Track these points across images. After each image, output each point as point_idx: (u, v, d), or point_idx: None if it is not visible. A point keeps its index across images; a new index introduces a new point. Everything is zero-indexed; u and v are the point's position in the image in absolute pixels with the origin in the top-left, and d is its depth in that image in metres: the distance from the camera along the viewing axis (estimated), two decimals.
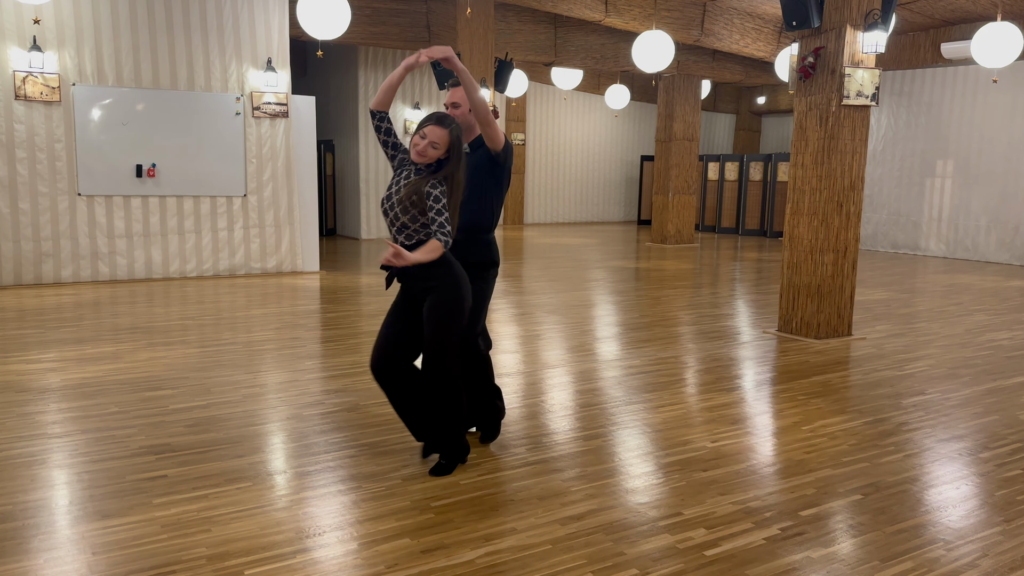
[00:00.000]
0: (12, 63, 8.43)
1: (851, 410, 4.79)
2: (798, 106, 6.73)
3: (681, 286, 9.91)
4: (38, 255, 8.78)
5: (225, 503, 3.30)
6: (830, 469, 3.81)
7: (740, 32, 12.99)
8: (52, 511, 3.20)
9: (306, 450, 3.93)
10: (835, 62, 6.41)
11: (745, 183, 17.94)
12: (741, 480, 3.64)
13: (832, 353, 6.31)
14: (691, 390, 5.18)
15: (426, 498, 3.39)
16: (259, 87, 9.78)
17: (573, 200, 20.33)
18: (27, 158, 8.61)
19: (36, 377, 5.17)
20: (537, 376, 5.45)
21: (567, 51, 13.32)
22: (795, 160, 6.79)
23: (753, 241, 16.51)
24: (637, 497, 3.43)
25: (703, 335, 6.92)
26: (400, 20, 11.83)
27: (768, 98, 20.15)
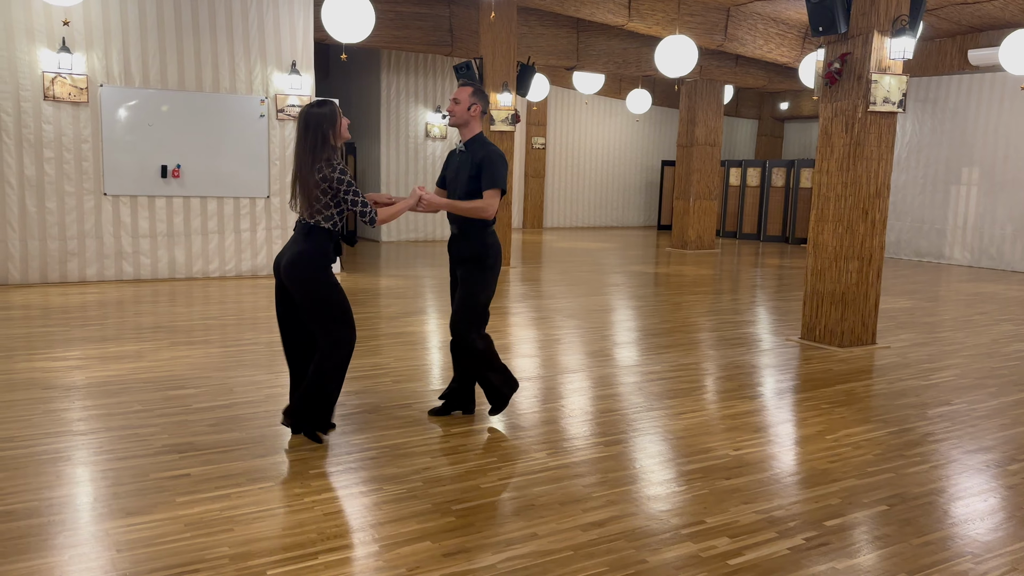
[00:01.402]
0: (42, 64, 8.54)
1: (876, 419, 4.74)
2: (823, 112, 6.68)
3: (702, 292, 9.86)
4: (64, 254, 8.88)
5: (248, 503, 3.31)
6: (855, 479, 3.77)
7: (764, 37, 12.92)
8: (77, 508, 3.22)
9: (327, 451, 3.94)
10: (862, 68, 6.35)
11: (767, 189, 17.83)
12: (765, 489, 3.61)
13: (856, 362, 6.24)
14: (713, 397, 5.15)
15: (447, 501, 3.38)
16: (283, 89, 9.84)
17: (593, 204, 20.29)
18: (54, 158, 8.72)
19: (61, 374, 5.22)
20: (557, 380, 5.44)
21: (589, 55, 13.31)
22: (820, 166, 6.74)
23: (775, 248, 16.40)
24: (659, 504, 3.41)
25: (724, 341, 6.87)
26: (423, 24, 11.87)
27: (791, 104, 20.03)
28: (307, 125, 3.84)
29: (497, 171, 4.17)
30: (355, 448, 4.00)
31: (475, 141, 4.28)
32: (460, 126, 4.31)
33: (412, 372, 5.53)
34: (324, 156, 3.83)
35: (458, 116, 4.27)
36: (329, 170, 3.80)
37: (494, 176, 4.16)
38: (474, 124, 4.29)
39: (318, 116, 3.85)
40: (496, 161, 4.19)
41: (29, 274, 8.74)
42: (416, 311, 7.95)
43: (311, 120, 3.84)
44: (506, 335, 6.80)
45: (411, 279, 10.26)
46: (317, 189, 3.80)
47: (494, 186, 4.15)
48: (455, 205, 4.15)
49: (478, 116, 4.28)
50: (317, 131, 3.83)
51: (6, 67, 8.39)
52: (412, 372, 5.53)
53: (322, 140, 3.83)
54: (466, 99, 4.24)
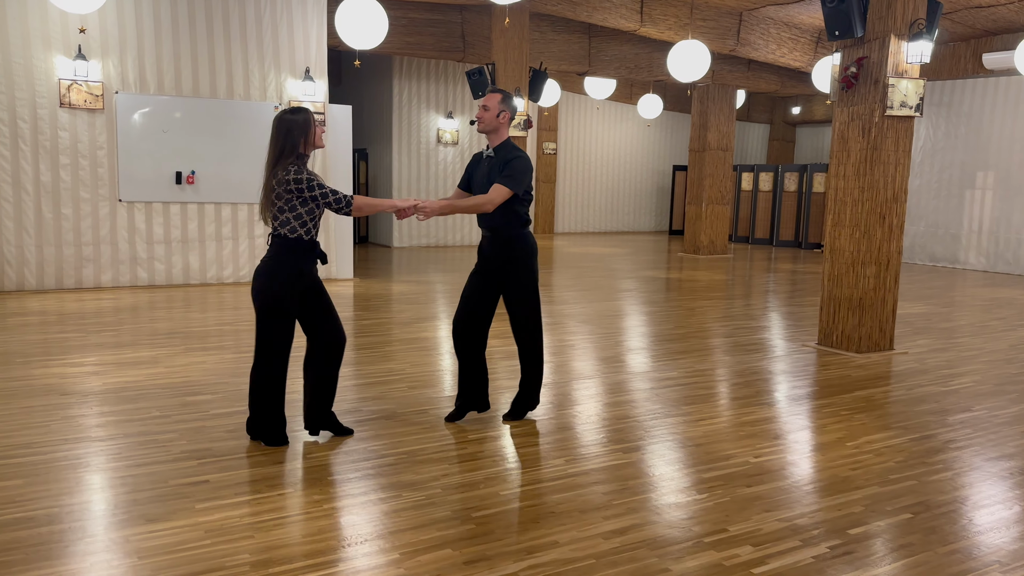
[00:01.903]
0: (58, 71, 8.60)
1: (896, 426, 4.69)
2: (840, 116, 6.64)
3: (716, 297, 9.82)
4: (79, 260, 8.92)
5: (267, 509, 3.30)
6: (877, 487, 3.73)
7: (776, 42, 12.88)
8: (97, 514, 3.22)
9: (345, 457, 3.93)
10: (878, 72, 6.32)
11: (780, 194, 17.76)
12: (786, 496, 3.58)
13: (874, 367, 6.20)
14: (730, 403, 5.12)
15: (466, 508, 3.36)
16: (297, 96, 9.87)
17: (604, 210, 20.27)
18: (70, 164, 8.76)
19: (78, 380, 5.23)
20: (573, 387, 5.42)
21: (601, 61, 13.30)
22: (836, 171, 6.70)
23: (788, 252, 16.33)
24: (680, 512, 3.38)
25: (740, 347, 6.84)
26: (435, 30, 11.89)
27: (803, 108, 19.96)
28: (277, 130, 3.86)
29: (516, 172, 4.19)
30: (372, 454, 3.98)
31: (503, 147, 4.30)
32: (489, 132, 4.32)
33: (427, 378, 5.51)
34: (287, 162, 3.83)
35: (487, 122, 4.29)
36: (283, 173, 3.80)
37: (512, 176, 4.17)
38: (503, 130, 4.32)
39: (289, 122, 3.86)
40: (519, 165, 4.21)
41: (45, 280, 8.79)
42: (429, 317, 7.95)
43: (282, 126, 3.86)
44: None
45: (423, 284, 10.26)
46: (272, 194, 3.82)
47: (505, 183, 4.16)
48: (454, 205, 4.17)
49: (507, 122, 4.31)
50: (287, 137, 3.84)
51: (23, 74, 8.45)
52: (427, 378, 5.51)
53: (290, 146, 3.84)
54: (495, 105, 4.27)
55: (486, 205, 4.17)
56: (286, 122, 3.85)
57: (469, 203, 4.18)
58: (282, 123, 3.85)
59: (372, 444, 4.14)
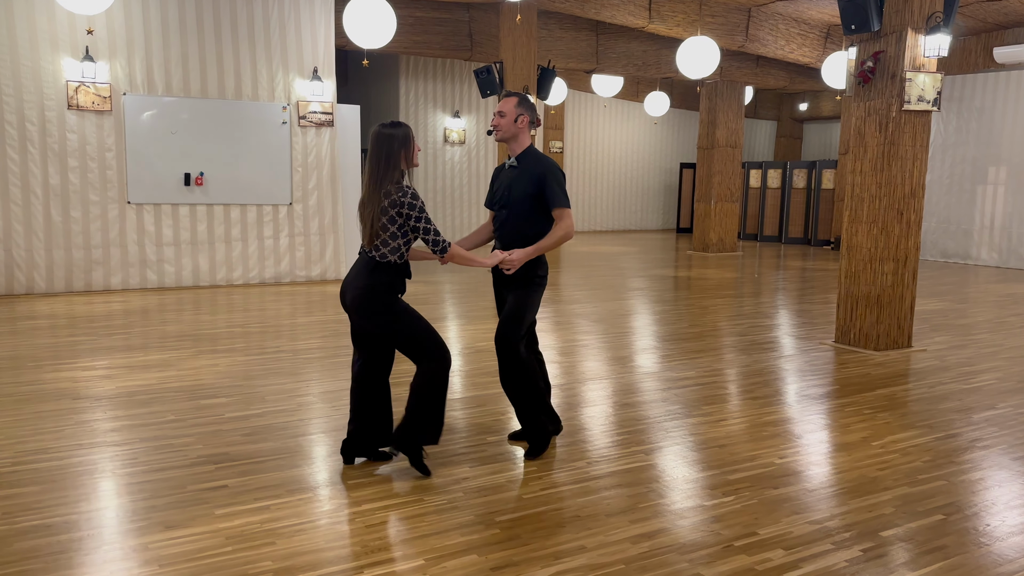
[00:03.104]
0: (65, 73, 8.56)
1: (920, 425, 4.62)
2: (856, 111, 6.56)
3: (727, 295, 9.74)
4: (88, 262, 8.88)
5: (288, 514, 3.24)
6: (907, 487, 3.66)
7: (785, 38, 12.80)
8: (115, 521, 3.17)
9: (367, 460, 3.87)
10: (895, 66, 6.24)
11: (788, 191, 17.67)
12: (815, 498, 3.51)
13: (893, 365, 6.12)
14: (750, 403, 5.05)
15: (490, 512, 3.30)
16: (305, 96, 9.83)
17: (611, 208, 20.19)
18: (79, 167, 8.73)
19: (91, 384, 5.18)
20: (588, 387, 5.35)
21: (609, 58, 13.23)
22: (853, 167, 6.62)
23: (797, 250, 16.24)
24: (707, 515, 3.32)
25: (756, 346, 6.76)
26: (442, 29, 11.84)
27: (810, 105, 19.86)
28: (378, 145, 3.55)
29: (561, 187, 3.89)
30: (389, 458, 3.92)
31: (527, 155, 3.95)
32: (508, 140, 3.96)
33: None
34: (393, 179, 3.54)
35: (505, 129, 3.93)
36: (399, 194, 3.48)
37: (560, 193, 3.87)
38: (523, 136, 3.96)
39: (389, 137, 3.55)
40: (557, 177, 3.89)
41: (54, 283, 8.75)
42: (440, 317, 7.89)
43: (382, 141, 3.55)
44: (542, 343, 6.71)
45: (433, 285, 10.20)
46: (384, 216, 3.50)
47: (563, 204, 3.87)
48: (541, 247, 3.84)
49: (526, 127, 3.95)
50: (390, 153, 3.54)
51: (30, 77, 8.41)
52: None
53: (394, 163, 3.55)
54: (512, 110, 3.91)
55: (569, 234, 3.89)
56: (386, 136, 3.54)
57: (554, 239, 3.87)
58: (382, 138, 3.54)
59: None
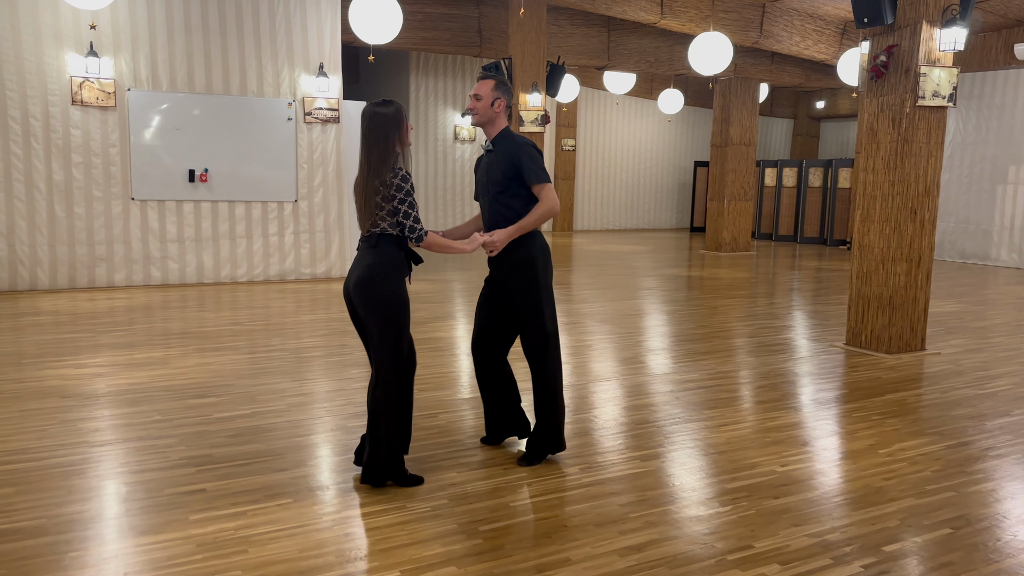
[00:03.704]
0: (70, 69, 8.51)
1: (931, 432, 4.44)
2: (869, 107, 6.37)
3: (739, 296, 9.56)
4: (92, 259, 8.84)
5: (264, 521, 3.13)
6: (913, 498, 3.50)
7: (801, 34, 12.58)
8: (86, 526, 3.07)
9: (350, 464, 3.76)
10: (909, 61, 6.05)
11: (804, 190, 17.42)
12: (816, 509, 3.35)
13: (905, 369, 5.93)
14: (755, 407, 4.89)
15: (474, 521, 3.17)
16: (311, 92, 9.73)
17: (624, 206, 20.00)
18: (83, 163, 8.68)
19: (83, 382, 5.10)
20: (589, 390, 5.21)
21: (620, 54, 13.06)
22: (866, 164, 6.44)
23: (812, 249, 15.99)
24: (702, 526, 3.17)
25: (765, 348, 6.59)
26: (452, 25, 11.72)
27: (827, 102, 19.58)
28: (370, 126, 3.46)
29: (538, 164, 3.80)
30: None
31: (502, 137, 3.87)
32: (484, 124, 3.87)
33: (439, 380, 5.33)
34: (384, 159, 3.43)
35: (481, 113, 3.83)
36: (391, 175, 3.40)
37: (538, 169, 3.78)
38: (499, 120, 3.88)
39: (382, 116, 3.46)
40: (532, 153, 3.80)
41: (58, 279, 8.71)
42: (445, 316, 7.77)
43: (374, 120, 3.45)
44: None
45: (440, 284, 10.09)
46: (378, 196, 3.41)
47: (543, 180, 3.76)
48: (521, 226, 3.72)
49: (503, 111, 3.87)
50: (383, 133, 3.45)
51: (34, 72, 8.37)
52: (439, 380, 5.33)
53: (388, 145, 3.45)
54: (488, 93, 3.80)
55: (552, 209, 3.77)
56: (379, 116, 3.45)
57: (535, 217, 3.75)
58: (374, 117, 3.45)
59: None
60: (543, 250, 3.85)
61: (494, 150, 3.88)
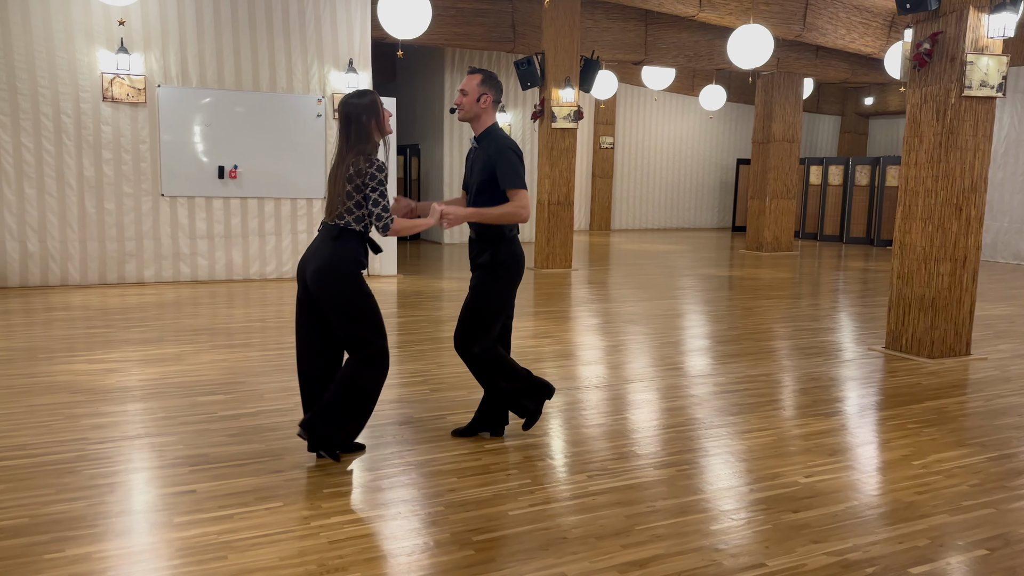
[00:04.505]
0: (100, 65, 8.56)
1: (972, 443, 4.14)
2: (912, 98, 6.05)
3: (776, 296, 9.23)
4: (122, 255, 8.88)
5: (249, 525, 3.00)
6: (947, 515, 3.23)
7: (846, 26, 12.15)
8: (68, 526, 2.97)
9: (346, 467, 3.61)
10: (955, 48, 5.71)
11: (850, 188, 16.89)
12: (838, 525, 3.11)
13: (948, 375, 5.60)
14: (784, 414, 4.63)
15: (468, 530, 3.00)
16: (340, 88, 9.66)
17: (663, 205, 19.65)
18: (113, 159, 8.72)
19: (94, 378, 5.06)
20: (611, 392, 5.00)
21: (658, 49, 12.77)
22: (908, 158, 6.11)
23: (858, 250, 15.49)
24: (712, 541, 2.95)
25: (799, 351, 6.30)
26: (485, 20, 11.56)
27: (876, 98, 18.99)
28: (347, 116, 3.50)
29: (513, 168, 3.70)
30: (377, 464, 3.66)
31: (487, 135, 3.81)
32: (471, 120, 3.82)
33: (452, 380, 5.17)
34: (361, 149, 3.48)
35: (467, 109, 3.78)
36: (367, 164, 3.44)
37: (512, 174, 3.69)
38: (485, 116, 3.81)
39: (358, 107, 3.50)
40: (509, 157, 3.71)
41: (88, 275, 8.77)
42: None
43: (351, 111, 3.50)
44: (563, 341, 6.39)
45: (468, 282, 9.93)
46: (350, 184, 3.43)
47: (516, 185, 3.68)
48: (482, 214, 3.67)
49: (490, 107, 3.80)
50: (357, 122, 3.49)
51: (66, 69, 8.43)
52: (452, 380, 5.17)
53: (362, 132, 3.49)
54: (475, 88, 3.76)
55: (521, 212, 3.68)
56: (354, 106, 3.49)
57: (499, 212, 3.68)
58: (350, 107, 3.50)
59: (380, 452, 3.81)
60: (514, 258, 3.83)
61: (479, 147, 3.84)
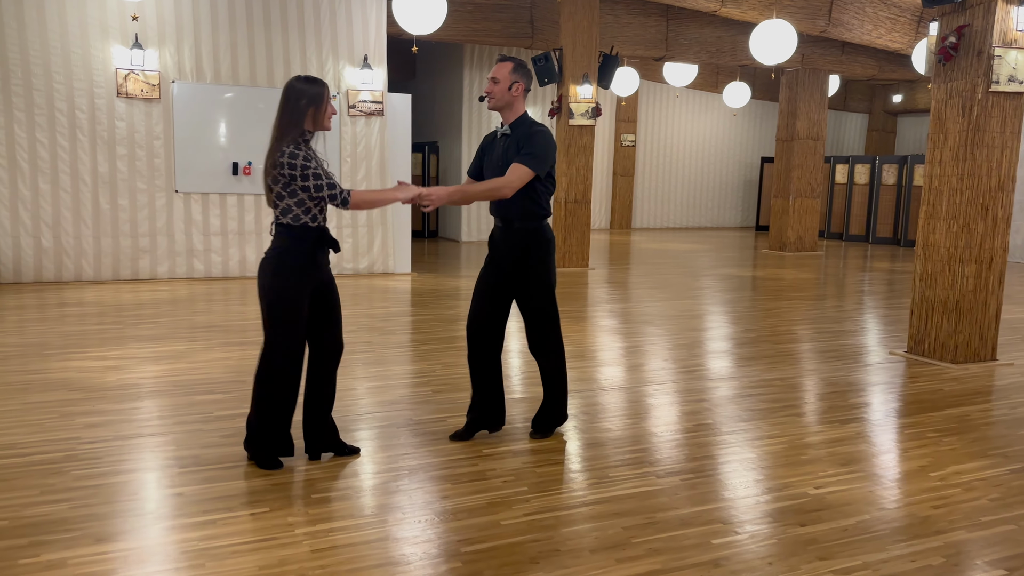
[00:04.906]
0: (115, 61, 8.54)
1: (994, 453, 3.96)
2: (936, 94, 5.83)
3: (797, 297, 9.02)
4: (136, 251, 8.87)
5: (231, 531, 2.90)
6: (964, 531, 3.06)
7: (873, 22, 11.87)
8: (47, 530, 2.89)
9: (339, 471, 3.51)
10: (982, 42, 5.49)
11: (877, 187, 16.55)
12: (848, 540, 2.95)
13: (972, 381, 5.39)
14: (798, 420, 4.46)
15: (458, 540, 2.88)
16: (355, 85, 9.59)
17: (685, 204, 19.40)
18: (127, 155, 8.71)
19: (94, 375, 5.01)
20: (620, 395, 4.86)
21: (680, 44, 12.56)
22: (932, 156, 5.90)
23: (885, 250, 15.17)
24: (712, 556, 2.81)
25: (818, 354, 6.12)
26: (503, 16, 11.43)
27: (905, 96, 18.60)
28: (286, 99, 3.37)
29: (537, 149, 3.61)
30: (372, 468, 3.55)
31: (520, 122, 3.73)
32: (502, 108, 3.74)
33: (456, 381, 5.05)
34: (292, 137, 3.34)
35: (498, 97, 3.71)
36: (279, 155, 3.30)
37: (533, 154, 3.60)
38: (517, 104, 3.74)
39: (299, 92, 3.36)
40: (540, 140, 3.63)
41: (102, 271, 8.77)
42: None
43: (291, 95, 3.37)
44: (574, 342, 6.25)
45: None
46: (276, 170, 3.32)
47: (524, 162, 3.58)
48: (465, 191, 3.62)
49: (521, 95, 3.73)
50: (295, 108, 3.35)
51: (80, 64, 8.43)
52: (456, 381, 5.05)
53: (293, 115, 3.35)
54: (506, 76, 3.68)
55: (503, 189, 3.59)
56: (296, 91, 3.35)
57: (483, 187, 3.63)
58: (291, 91, 3.35)
59: (375, 456, 3.71)
60: (550, 245, 3.82)
61: (511, 135, 3.73)
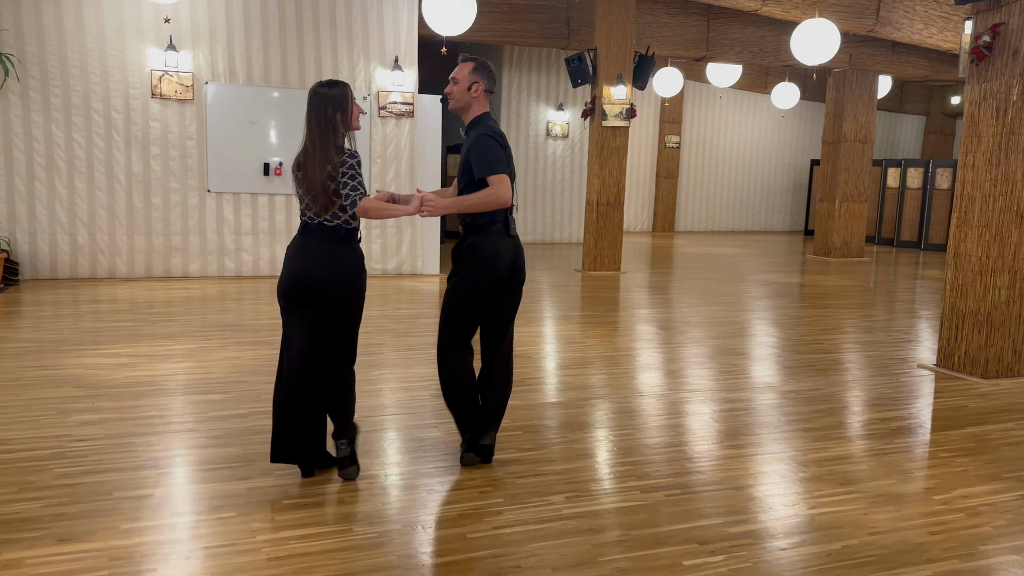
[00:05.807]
0: (150, 62, 8.71)
1: (1008, 476, 3.73)
2: (970, 95, 5.56)
3: (834, 306, 8.73)
4: (168, 249, 9.04)
5: (193, 536, 2.88)
6: (958, 560, 2.87)
7: (923, 20, 11.43)
8: (14, 529, 2.91)
9: (318, 478, 3.47)
10: (1018, 41, 5.21)
11: (930, 191, 15.98)
12: (829, 566, 2.79)
13: (1001, 397, 5.12)
14: (802, 435, 4.28)
15: (420, 553, 2.81)
16: (386, 86, 9.62)
17: (731, 207, 19.02)
18: (160, 154, 8.88)
19: (101, 373, 5.08)
20: (620, 404, 4.73)
21: (721, 44, 12.31)
22: (964, 160, 5.63)
23: (937, 257, 14.63)
24: None
25: (841, 367, 5.88)
26: (539, 16, 11.35)
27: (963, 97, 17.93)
28: (312, 107, 3.36)
29: (485, 156, 3.46)
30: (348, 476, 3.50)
31: (473, 124, 3.60)
32: (461, 110, 3.62)
33: None
34: (334, 143, 3.34)
35: (457, 98, 3.59)
36: (340, 157, 3.31)
37: (484, 160, 3.46)
38: (476, 106, 3.61)
39: (322, 98, 3.35)
40: (484, 142, 3.48)
41: (135, 268, 8.95)
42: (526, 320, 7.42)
43: (315, 101, 3.36)
44: (586, 348, 6.14)
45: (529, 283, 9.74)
46: (332, 182, 3.28)
47: (490, 171, 3.44)
48: (460, 203, 3.46)
49: (481, 96, 3.60)
50: (323, 116, 3.34)
51: (116, 66, 8.61)
52: None
53: (326, 125, 3.34)
54: (466, 77, 3.56)
55: (498, 200, 3.45)
56: (321, 96, 3.36)
57: (476, 199, 3.45)
58: (316, 98, 3.36)
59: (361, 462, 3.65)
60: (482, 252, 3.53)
61: (467, 137, 3.62)
